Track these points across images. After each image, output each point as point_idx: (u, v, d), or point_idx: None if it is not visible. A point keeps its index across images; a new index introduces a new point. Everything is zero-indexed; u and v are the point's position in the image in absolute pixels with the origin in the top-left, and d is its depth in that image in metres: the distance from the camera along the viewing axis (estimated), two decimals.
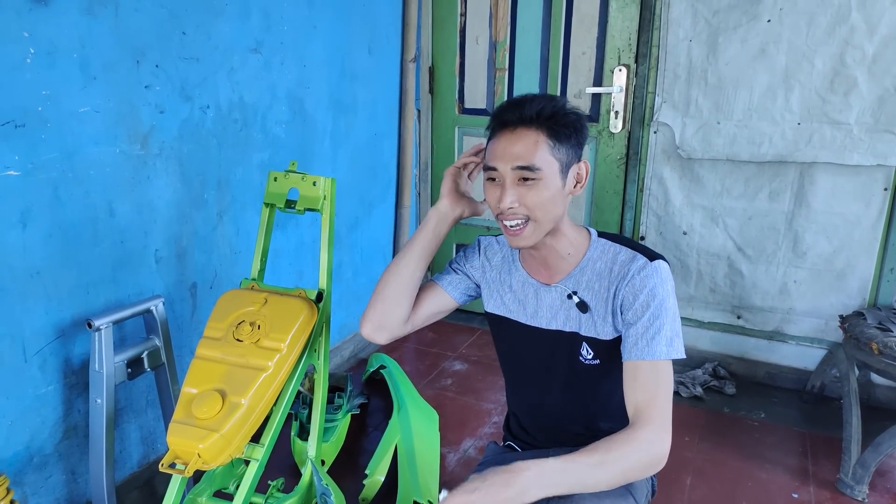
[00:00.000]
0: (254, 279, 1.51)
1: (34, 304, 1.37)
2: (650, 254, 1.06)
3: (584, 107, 2.58)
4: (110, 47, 1.45)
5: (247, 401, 1.22)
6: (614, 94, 2.52)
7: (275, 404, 1.35)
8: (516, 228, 1.04)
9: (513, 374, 1.28)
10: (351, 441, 2.03)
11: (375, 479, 1.75)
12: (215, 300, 1.42)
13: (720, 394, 2.39)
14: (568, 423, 1.20)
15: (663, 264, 1.05)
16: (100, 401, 1.41)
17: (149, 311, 1.54)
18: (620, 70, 2.49)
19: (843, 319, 2.14)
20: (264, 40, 1.92)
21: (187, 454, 1.17)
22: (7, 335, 1.33)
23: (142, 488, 1.70)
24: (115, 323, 1.43)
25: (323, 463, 1.82)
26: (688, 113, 2.36)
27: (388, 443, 1.86)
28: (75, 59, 1.38)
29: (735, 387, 2.40)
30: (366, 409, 2.22)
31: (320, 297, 1.45)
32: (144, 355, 1.53)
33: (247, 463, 1.35)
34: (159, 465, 1.17)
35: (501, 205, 1.03)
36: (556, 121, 1.02)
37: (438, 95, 2.93)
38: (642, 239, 2.57)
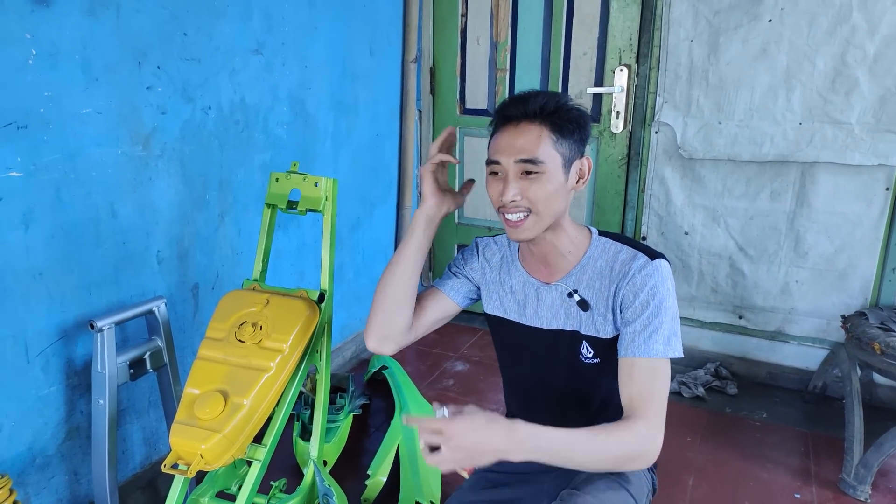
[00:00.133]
0: (256, 280, 1.51)
1: (36, 305, 1.38)
2: (651, 252, 1.06)
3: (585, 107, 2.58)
4: (112, 48, 1.46)
5: (249, 401, 1.22)
6: (615, 95, 2.52)
7: (277, 405, 1.35)
8: (517, 221, 1.04)
9: (512, 375, 1.28)
10: (353, 442, 2.03)
11: (377, 479, 1.75)
12: (217, 301, 1.42)
13: (722, 394, 2.39)
14: (567, 423, 1.20)
15: (664, 263, 1.05)
16: (102, 401, 1.41)
17: (151, 312, 1.54)
18: (621, 70, 2.49)
19: (844, 319, 2.14)
20: (266, 41, 1.92)
21: (190, 455, 1.17)
22: (10, 336, 1.33)
23: (144, 489, 1.70)
24: (118, 324, 1.44)
25: (325, 463, 1.82)
26: (689, 113, 2.36)
27: (390, 443, 1.86)
28: (77, 61, 1.38)
29: (737, 387, 2.40)
30: (368, 409, 2.22)
31: (322, 297, 1.45)
32: (147, 356, 1.53)
33: (249, 463, 1.35)
34: (162, 466, 1.17)
35: (504, 198, 1.02)
36: (560, 115, 1.02)
37: (439, 96, 2.93)
38: (644, 239, 2.57)
